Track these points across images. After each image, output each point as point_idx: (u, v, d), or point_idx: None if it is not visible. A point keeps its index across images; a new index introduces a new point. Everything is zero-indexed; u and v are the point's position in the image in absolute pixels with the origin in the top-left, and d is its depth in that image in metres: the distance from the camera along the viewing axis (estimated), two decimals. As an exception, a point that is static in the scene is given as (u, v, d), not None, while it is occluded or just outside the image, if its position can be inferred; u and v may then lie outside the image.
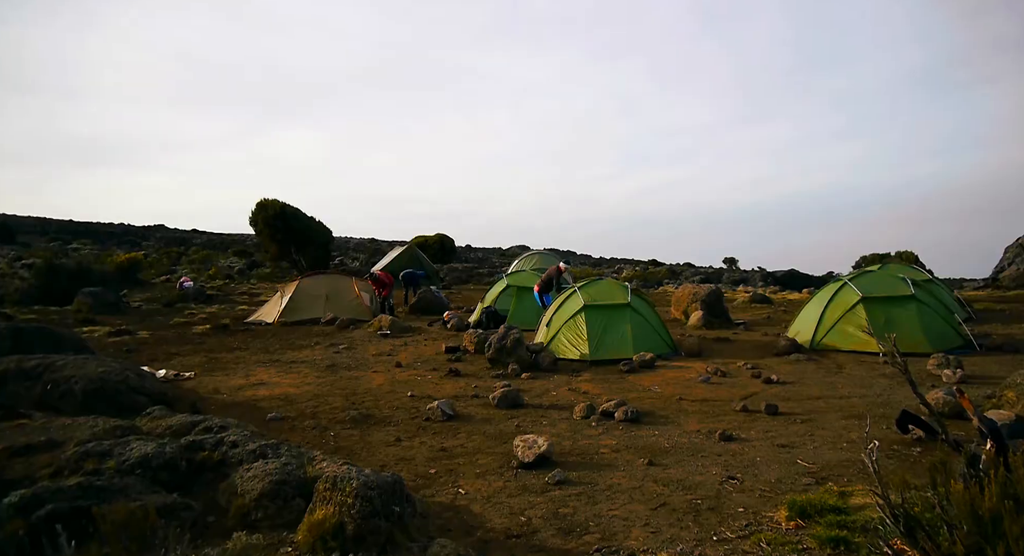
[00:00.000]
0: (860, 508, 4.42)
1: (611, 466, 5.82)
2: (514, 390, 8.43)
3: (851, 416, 7.24)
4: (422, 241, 36.79)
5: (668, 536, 4.27)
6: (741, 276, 32.06)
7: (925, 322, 11.08)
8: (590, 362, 10.83)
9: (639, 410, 7.55)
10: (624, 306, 11.74)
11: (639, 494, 5.08)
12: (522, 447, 5.89)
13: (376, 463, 6.00)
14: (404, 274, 21.01)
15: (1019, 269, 21.59)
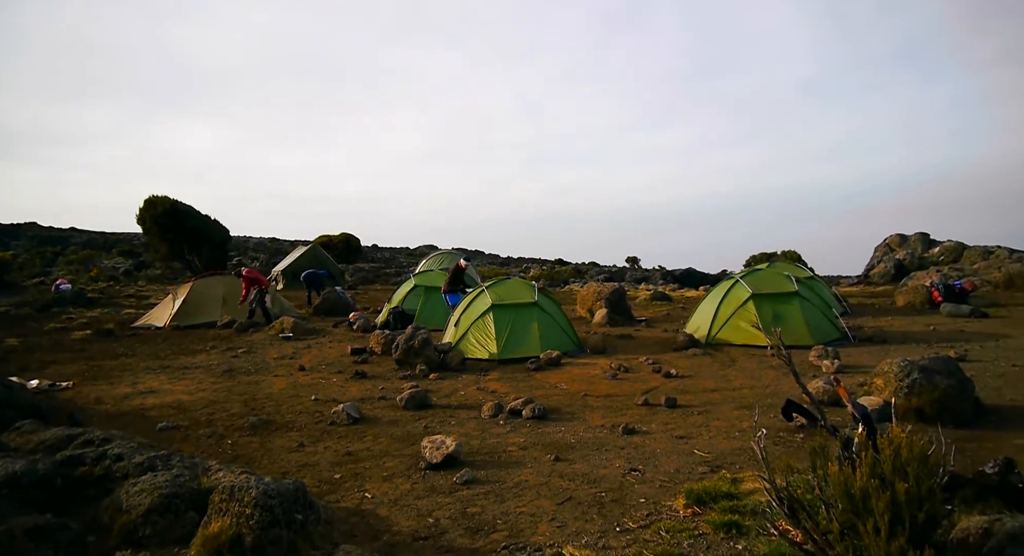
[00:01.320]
0: (750, 493, 4.70)
1: (519, 463, 5.88)
2: (422, 391, 8.35)
3: (743, 407, 7.67)
4: (326, 240, 35.81)
5: (573, 529, 4.36)
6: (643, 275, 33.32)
7: (807, 317, 11.92)
8: (498, 361, 10.90)
9: (546, 407, 7.67)
10: (531, 305, 11.91)
11: (546, 490, 5.17)
12: (430, 448, 5.84)
13: (277, 470, 5.77)
14: (306, 274, 20.38)
15: (887, 267, 23.65)
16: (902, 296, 17.60)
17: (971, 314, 14.60)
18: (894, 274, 23.44)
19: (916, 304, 16.79)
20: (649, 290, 22.36)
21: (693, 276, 29.13)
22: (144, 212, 27.32)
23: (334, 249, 34.23)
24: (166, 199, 27.53)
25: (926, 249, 27.01)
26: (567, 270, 35.36)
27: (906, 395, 6.68)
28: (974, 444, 5.93)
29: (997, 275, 19.24)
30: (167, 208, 27.11)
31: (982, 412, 6.91)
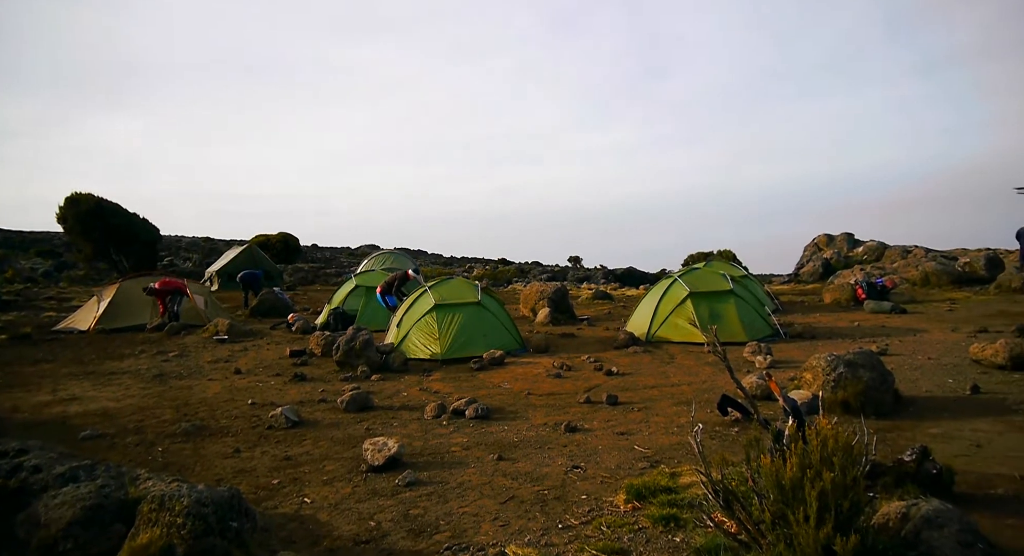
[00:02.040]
0: (688, 486, 4.83)
1: (462, 464, 5.87)
2: (364, 392, 8.23)
3: (681, 402, 7.87)
4: (263, 240, 34.79)
5: (516, 528, 4.38)
6: (585, 274, 33.75)
7: (742, 314, 12.33)
8: (441, 361, 10.85)
9: (489, 407, 7.68)
10: (475, 305, 11.89)
11: (489, 489, 5.17)
12: (371, 450, 5.76)
13: (212, 477, 5.58)
14: (243, 275, 19.79)
15: (815, 266, 24.69)
16: (829, 293, 18.40)
17: (891, 310, 15.41)
18: (822, 272, 24.50)
19: (842, 301, 17.59)
20: (591, 289, 22.66)
21: (634, 275, 29.70)
22: (66, 210, 25.88)
23: (272, 249, 33.30)
24: (90, 196, 26.16)
25: (851, 249, 28.34)
26: (510, 270, 35.46)
27: (833, 388, 7.00)
28: (894, 433, 6.26)
29: (914, 273, 20.37)
30: (91, 206, 25.77)
31: (901, 403, 7.30)
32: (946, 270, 19.68)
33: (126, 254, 26.19)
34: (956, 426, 6.46)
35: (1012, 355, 8.70)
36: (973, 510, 4.26)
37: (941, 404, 7.29)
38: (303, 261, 37.34)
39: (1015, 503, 4.56)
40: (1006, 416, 6.72)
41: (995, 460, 5.45)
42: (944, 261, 21.14)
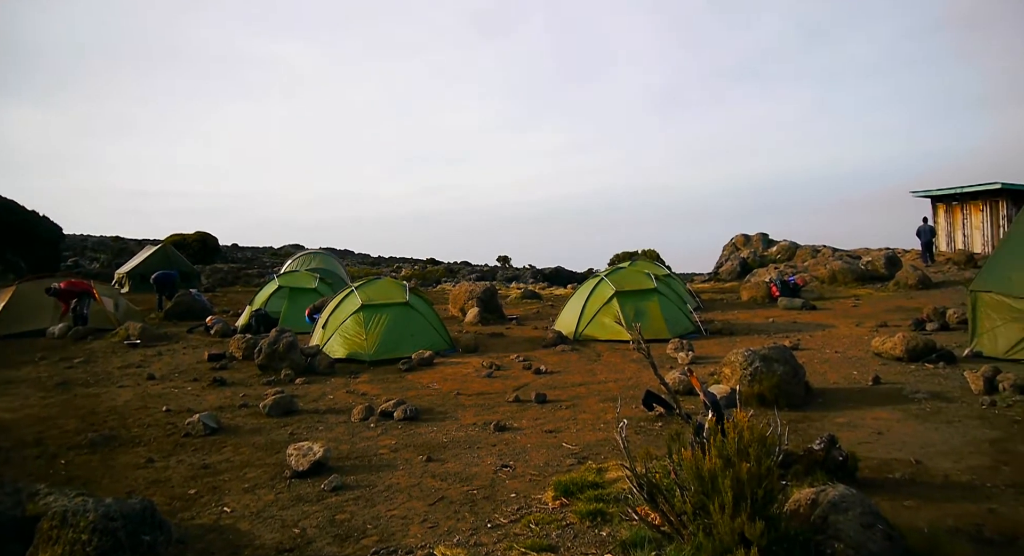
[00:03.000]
0: (614, 481, 4.93)
1: (390, 466, 5.79)
2: (288, 396, 7.99)
3: (608, 399, 8.04)
4: (179, 240, 33.22)
5: (445, 529, 4.36)
6: (514, 273, 33.94)
7: (665, 312, 12.71)
8: (369, 362, 10.68)
9: (418, 408, 7.62)
10: (403, 305, 11.77)
11: (417, 491, 5.13)
12: (296, 455, 5.60)
13: (122, 490, 5.28)
14: (156, 276, 18.83)
15: (733, 265, 25.74)
16: (746, 291, 19.22)
17: (802, 307, 16.26)
18: (739, 271, 25.59)
19: (758, 298, 18.40)
20: (520, 288, 22.83)
21: (562, 274, 30.12)
22: (-46, 206, 23.91)
23: (189, 249, 31.84)
24: (-19, 192, 24.25)
25: (766, 248, 29.75)
26: (439, 269, 35.26)
27: (749, 382, 7.32)
28: (805, 424, 6.60)
29: (823, 271, 21.56)
30: (-17, 202, 23.91)
31: (811, 394, 7.71)
32: (851, 268, 20.93)
33: (24, 255, 24.41)
34: (860, 415, 6.88)
35: (908, 348, 9.35)
36: (875, 493, 4.56)
37: (847, 395, 7.75)
38: (223, 261, 35.86)
39: (911, 485, 4.91)
40: (903, 404, 7.21)
41: (894, 446, 5.84)
42: (849, 260, 22.47)
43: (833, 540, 3.26)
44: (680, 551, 3.37)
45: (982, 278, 9.74)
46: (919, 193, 26.28)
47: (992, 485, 4.85)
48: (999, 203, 23.51)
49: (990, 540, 3.93)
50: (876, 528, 3.30)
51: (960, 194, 24.70)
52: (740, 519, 3.12)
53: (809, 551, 3.26)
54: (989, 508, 4.42)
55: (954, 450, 5.66)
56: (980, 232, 24.29)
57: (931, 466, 5.29)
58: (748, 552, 3.02)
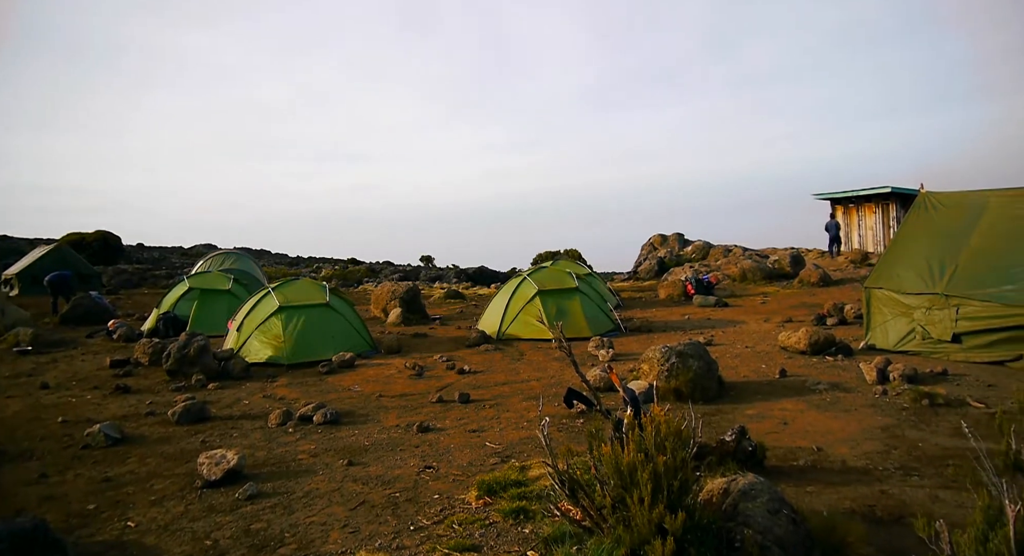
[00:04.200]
0: (537, 478, 4.99)
1: (309, 471, 5.63)
2: (199, 403, 7.63)
3: (531, 398, 8.12)
4: (77, 239, 31.12)
5: (367, 534, 4.29)
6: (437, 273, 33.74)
7: (586, 311, 12.97)
8: (287, 366, 10.36)
9: (339, 411, 7.45)
10: (322, 306, 11.47)
11: (338, 496, 5.01)
12: (208, 464, 5.36)
13: (10, 508, 4.90)
14: (50, 278, 17.56)
15: (651, 264, 26.54)
16: (664, 289, 19.88)
17: (716, 304, 16.98)
18: (657, 270, 26.39)
19: (675, 296, 19.07)
20: (443, 288, 22.72)
21: (485, 274, 30.18)
22: None
23: (88, 249, 29.87)
24: None
25: (682, 247, 30.86)
26: (361, 269, 34.57)
27: (666, 378, 7.57)
28: (718, 416, 6.90)
29: (734, 270, 22.57)
30: None
31: (724, 388, 8.06)
32: (760, 267, 22.02)
33: None
34: (768, 407, 7.26)
35: (811, 342, 9.93)
36: (781, 480, 4.82)
37: (756, 387, 8.15)
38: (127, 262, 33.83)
39: (813, 471, 5.22)
40: (806, 396, 7.66)
41: (798, 435, 6.19)
42: (758, 259, 23.64)
43: (743, 526, 3.42)
44: (600, 544, 3.44)
45: (875, 276, 10.47)
46: (820, 195, 27.95)
47: (883, 468, 5.22)
48: (889, 205, 25.32)
49: (881, 519, 4.24)
50: (781, 513, 3.49)
51: (855, 197, 26.44)
52: (657, 510, 3.22)
53: (721, 538, 3.41)
54: (880, 490, 4.76)
55: (851, 437, 6.06)
56: (873, 232, 26.08)
57: (831, 453, 5.64)
58: (664, 542, 3.12)
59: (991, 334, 8.67)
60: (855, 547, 3.52)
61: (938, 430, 6.19)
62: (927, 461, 5.36)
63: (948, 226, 9.98)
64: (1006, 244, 9.10)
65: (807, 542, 3.47)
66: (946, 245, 9.74)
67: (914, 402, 7.05)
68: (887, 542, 3.87)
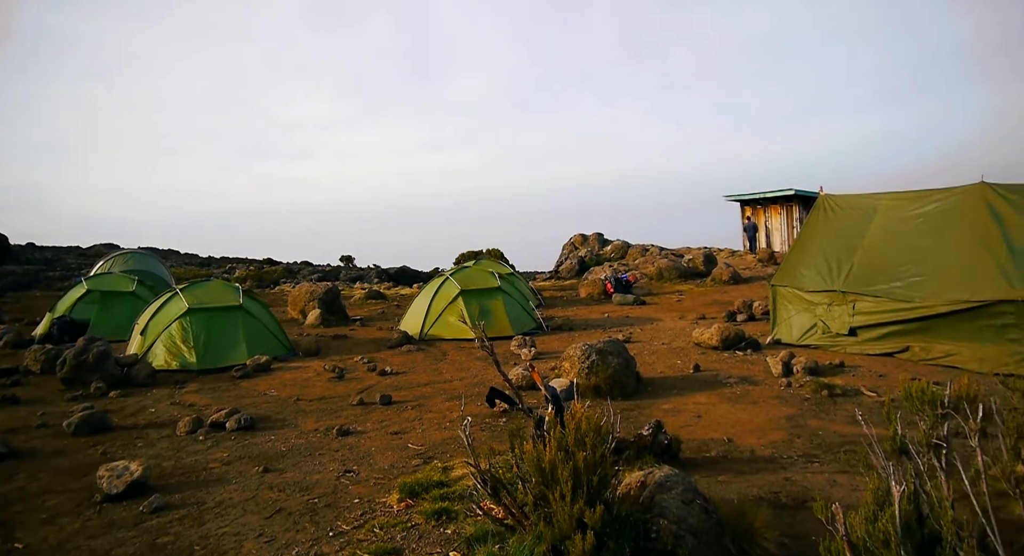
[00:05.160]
0: (460, 479, 4.98)
1: (222, 480, 5.40)
2: (99, 412, 7.16)
3: (453, 398, 8.10)
4: (-43, 236, 28.53)
5: (284, 542, 4.16)
6: (358, 273, 33.03)
7: (509, 310, 13.05)
8: (197, 371, 9.88)
9: (254, 416, 7.17)
10: (235, 308, 11.02)
11: (253, 505, 4.83)
12: (108, 477, 5.04)
13: None
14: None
15: (572, 263, 27.00)
16: (584, 288, 20.25)
17: (634, 302, 17.46)
18: (578, 269, 26.87)
19: (595, 295, 19.48)
20: (364, 289, 22.28)
21: (407, 274, 29.81)
22: None
23: (-31, 247, 27.44)
24: None
25: (602, 247, 31.55)
26: (278, 270, 33.37)
27: (587, 375, 7.73)
28: (635, 411, 7.10)
29: (651, 269, 23.29)
30: None
31: (642, 384, 8.31)
32: (675, 266, 22.81)
33: None
34: (682, 401, 7.53)
35: (723, 338, 10.38)
36: (695, 471, 5.02)
37: (672, 382, 8.45)
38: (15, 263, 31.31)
39: (725, 461, 5.46)
40: (718, 389, 8.00)
41: (711, 427, 6.46)
42: (674, 258, 24.49)
43: (659, 517, 3.54)
44: (522, 541, 3.47)
45: (780, 274, 11.06)
46: (730, 197, 29.27)
47: (788, 456, 5.53)
48: (793, 207, 26.82)
49: (785, 505, 4.49)
50: (695, 503, 3.63)
51: (762, 199, 27.85)
52: (578, 505, 3.28)
53: (638, 529, 3.51)
54: (785, 477, 5.04)
55: (759, 428, 6.38)
56: (779, 232, 27.56)
57: (741, 443, 5.92)
58: (584, 536, 3.19)
59: (882, 328, 9.33)
60: (762, 532, 3.71)
61: (836, 419, 6.61)
62: (826, 448, 5.72)
63: (845, 227, 10.67)
64: (894, 244, 9.83)
65: (718, 529, 3.63)
66: (843, 245, 10.42)
67: (815, 393, 7.50)
68: (790, 526, 4.10)
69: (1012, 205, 8.71)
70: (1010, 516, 2.77)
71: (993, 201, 8.93)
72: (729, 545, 3.67)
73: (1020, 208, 8.62)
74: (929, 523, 2.35)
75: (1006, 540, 2.22)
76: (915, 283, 9.09)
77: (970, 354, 8.34)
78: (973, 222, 8.99)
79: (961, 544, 2.15)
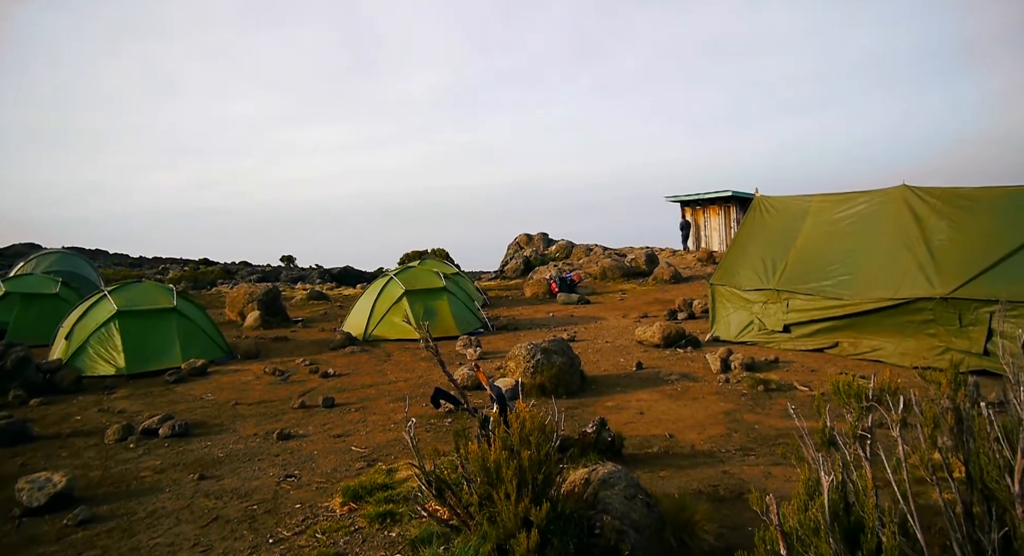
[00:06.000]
0: (404, 481, 4.93)
1: (154, 489, 5.19)
2: (18, 422, 6.77)
3: (398, 399, 8.01)
4: None
5: (220, 551, 4.02)
6: (300, 274, 32.30)
7: (454, 310, 13.00)
8: (127, 376, 9.47)
9: (189, 422, 6.92)
10: (168, 310, 10.61)
11: (188, 513, 4.66)
12: (29, 490, 4.78)
13: None
14: None
15: (517, 263, 27.13)
16: (529, 288, 20.37)
17: (579, 301, 17.67)
18: (523, 269, 27.01)
19: (540, 294, 19.61)
20: (306, 289, 21.79)
21: (351, 274, 29.34)
22: None
23: None
24: None
25: (547, 247, 31.79)
26: (215, 271, 32.28)
27: (532, 374, 7.77)
28: (580, 409, 7.19)
29: (595, 269, 23.61)
30: None
31: (586, 382, 8.42)
32: (619, 265, 23.20)
33: None
34: (626, 398, 7.67)
35: (664, 336, 10.62)
36: (637, 467, 5.12)
37: (615, 380, 8.58)
38: (-76, 262, 29.29)
39: (666, 457, 5.59)
40: (660, 386, 8.18)
41: (653, 424, 6.60)
42: (617, 258, 24.89)
43: (603, 513, 3.59)
44: (467, 542, 3.47)
45: (719, 273, 11.39)
46: (671, 198, 29.95)
47: (726, 450, 5.70)
48: (730, 208, 27.64)
49: (723, 497, 4.63)
50: (637, 498, 3.70)
51: (701, 200, 28.61)
52: (523, 504, 3.29)
53: (582, 526, 3.55)
54: (723, 470, 5.19)
55: (699, 423, 6.55)
56: (717, 233, 28.36)
57: (681, 439, 6.07)
58: (529, 534, 3.21)
59: (813, 324, 9.73)
60: (701, 524, 3.81)
61: (771, 413, 6.85)
62: (762, 441, 5.92)
63: (779, 228, 11.07)
64: (824, 244, 10.26)
65: (660, 523, 3.71)
66: (777, 245, 10.81)
67: (751, 388, 7.75)
68: (728, 518, 4.23)
69: (930, 207, 9.22)
70: (928, 501, 2.93)
71: (913, 203, 9.42)
72: (670, 538, 3.75)
73: (937, 210, 9.12)
74: (855, 511, 2.46)
75: (924, 524, 2.35)
76: (843, 282, 9.51)
77: (893, 348, 8.78)
78: (895, 223, 9.47)
79: (883, 529, 2.26)
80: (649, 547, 3.51)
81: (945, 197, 9.22)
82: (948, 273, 8.40)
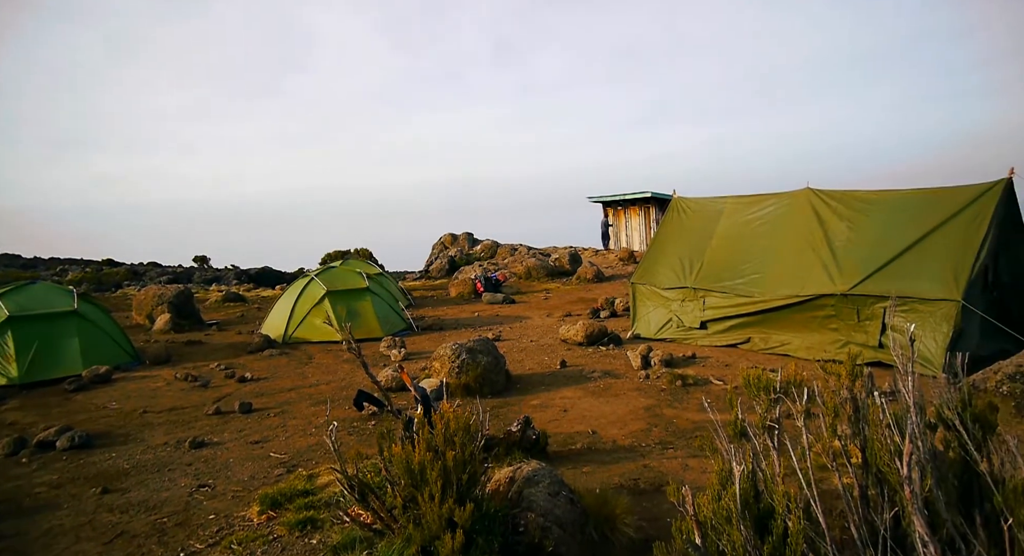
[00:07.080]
0: (326, 486, 4.81)
1: (51, 506, 4.84)
2: None
3: (319, 402, 7.80)
4: None
5: (127, 569, 3.80)
6: (215, 275, 30.93)
7: (378, 311, 12.79)
8: (20, 386, 8.79)
9: (91, 433, 6.51)
10: (68, 314, 9.92)
11: (89, 530, 4.38)
12: (-94, 513, 4.36)
13: None
14: None
15: (442, 263, 26.98)
16: (454, 287, 20.29)
17: (504, 301, 17.75)
18: (448, 269, 26.88)
19: (465, 294, 19.57)
20: (221, 291, 20.89)
21: (269, 275, 28.35)
22: None
23: None
24: None
25: (472, 246, 31.78)
26: (120, 272, 30.43)
27: (457, 374, 7.75)
28: (505, 408, 7.22)
29: (520, 268, 23.79)
30: None
31: (511, 381, 8.47)
32: (543, 265, 23.46)
33: None
34: (550, 396, 7.76)
35: (587, 334, 10.82)
36: (561, 464, 5.20)
37: (540, 379, 8.68)
38: None
39: (589, 453, 5.70)
40: (583, 383, 8.33)
41: (576, 421, 6.71)
42: (541, 257, 25.17)
43: (527, 511, 3.62)
44: (391, 545, 3.42)
45: (639, 272, 11.71)
46: (593, 198, 30.56)
47: (646, 445, 5.87)
48: (650, 208, 28.49)
49: (644, 490, 4.76)
50: (561, 495, 3.75)
51: (622, 200, 29.35)
52: (448, 505, 3.28)
53: (507, 524, 3.57)
54: (644, 464, 5.35)
55: (620, 419, 6.72)
56: (638, 233, 29.16)
57: (604, 435, 6.20)
58: (454, 535, 3.19)
59: (727, 321, 10.17)
60: (622, 518, 3.91)
61: (688, 407, 7.11)
62: (680, 435, 6.13)
63: (695, 228, 11.49)
64: (737, 244, 10.73)
65: (583, 518, 3.78)
66: (694, 244, 11.22)
67: (670, 383, 8.01)
68: (648, 510, 4.36)
69: (832, 209, 9.81)
70: (830, 487, 3.12)
71: (816, 205, 10.00)
72: (592, 533, 3.83)
73: (838, 212, 9.72)
74: (764, 498, 2.59)
75: (826, 508, 2.50)
76: (754, 280, 9.98)
77: (799, 342, 9.29)
78: (801, 224, 10.02)
79: (790, 514, 2.39)
80: (572, 542, 3.57)
81: (845, 200, 9.82)
82: (848, 271, 8.96)
